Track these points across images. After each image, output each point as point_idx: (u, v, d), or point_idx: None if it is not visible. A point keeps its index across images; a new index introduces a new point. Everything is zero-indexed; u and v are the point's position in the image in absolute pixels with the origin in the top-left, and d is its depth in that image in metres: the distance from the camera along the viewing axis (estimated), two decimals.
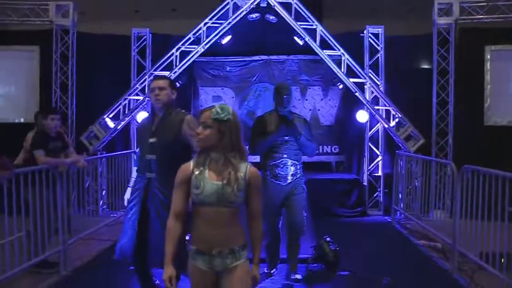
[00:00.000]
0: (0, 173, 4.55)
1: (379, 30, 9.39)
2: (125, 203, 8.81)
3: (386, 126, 8.99)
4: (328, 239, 5.68)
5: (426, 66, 9.61)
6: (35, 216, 5.43)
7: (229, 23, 8.84)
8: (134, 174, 7.64)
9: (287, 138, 4.93)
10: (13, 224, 5.09)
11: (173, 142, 3.97)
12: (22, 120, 9.39)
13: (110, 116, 9.16)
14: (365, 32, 9.48)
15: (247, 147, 4.41)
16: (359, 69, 9.08)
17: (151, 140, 4.01)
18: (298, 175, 5.06)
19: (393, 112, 8.90)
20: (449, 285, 5.24)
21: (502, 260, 5.05)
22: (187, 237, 2.94)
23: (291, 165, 4.97)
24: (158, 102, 4.05)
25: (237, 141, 2.76)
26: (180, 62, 9.06)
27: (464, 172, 5.67)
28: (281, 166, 4.95)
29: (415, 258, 6.28)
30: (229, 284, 2.77)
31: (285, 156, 4.94)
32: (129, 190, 7.73)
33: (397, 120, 8.91)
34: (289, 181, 4.97)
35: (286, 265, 5.41)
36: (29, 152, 5.83)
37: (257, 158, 5.21)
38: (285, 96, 4.97)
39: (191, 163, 2.80)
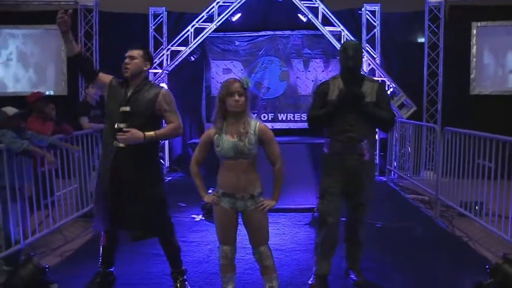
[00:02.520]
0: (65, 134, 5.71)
1: (376, 7, 10.22)
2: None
3: None
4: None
5: (418, 41, 10.46)
6: (80, 175, 6.44)
7: (239, 2, 9.64)
8: None
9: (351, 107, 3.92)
10: (65, 182, 6.14)
11: (147, 113, 3.87)
12: (51, 92, 10.28)
13: None
14: (363, 9, 10.30)
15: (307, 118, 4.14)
16: None
17: (124, 108, 3.86)
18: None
19: (388, 83, 9.73)
20: (432, 227, 6.21)
21: (477, 208, 6.08)
22: (210, 191, 3.84)
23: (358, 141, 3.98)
24: (126, 71, 3.89)
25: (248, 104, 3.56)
26: (194, 38, 9.90)
27: (445, 133, 6.68)
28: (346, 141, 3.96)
29: (405, 208, 7.26)
30: (249, 222, 3.57)
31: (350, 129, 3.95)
32: None
33: (391, 89, 9.73)
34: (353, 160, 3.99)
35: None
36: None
37: None
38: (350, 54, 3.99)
39: (212, 129, 3.55)
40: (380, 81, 4.23)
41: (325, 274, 4.18)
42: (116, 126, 3.83)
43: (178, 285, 4.14)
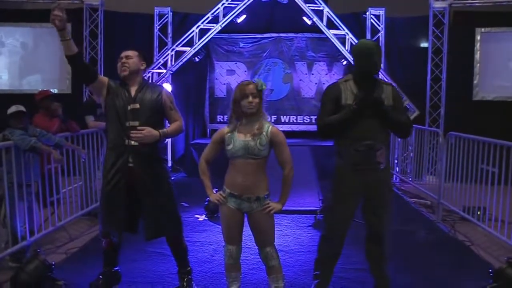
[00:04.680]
0: (72, 132, 5.77)
1: (381, 11, 10.28)
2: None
3: None
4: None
5: (422, 45, 10.52)
6: (85, 173, 6.48)
7: (245, 3, 9.69)
8: None
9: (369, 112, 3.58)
10: (71, 180, 6.18)
11: (153, 111, 3.87)
12: (56, 90, 10.31)
13: None
14: (367, 13, 10.36)
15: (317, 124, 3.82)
16: None
17: (134, 106, 3.82)
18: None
19: (394, 86, 9.72)
20: (434, 231, 6.22)
21: (479, 213, 6.12)
22: (214, 190, 3.85)
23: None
24: (124, 69, 3.87)
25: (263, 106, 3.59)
26: (199, 39, 9.94)
27: (449, 138, 6.71)
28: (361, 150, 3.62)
29: (407, 212, 7.26)
30: (255, 223, 3.59)
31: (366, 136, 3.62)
32: None
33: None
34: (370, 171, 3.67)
35: None
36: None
37: None
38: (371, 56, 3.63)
39: (225, 128, 3.59)
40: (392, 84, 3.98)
41: (327, 285, 4.02)
42: (128, 124, 3.78)
43: (185, 284, 4.14)
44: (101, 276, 4.18)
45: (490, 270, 4.19)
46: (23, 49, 10.58)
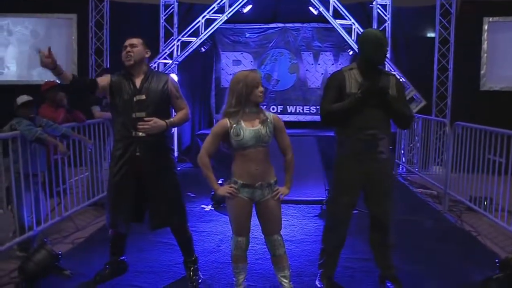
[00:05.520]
0: (78, 122, 5.78)
1: (387, 1, 10.17)
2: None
3: None
4: None
5: (428, 35, 10.42)
6: (91, 163, 6.51)
7: None
8: None
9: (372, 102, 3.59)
10: (77, 170, 6.21)
11: (160, 101, 3.87)
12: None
13: None
14: (374, 3, 10.26)
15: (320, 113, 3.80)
16: None
17: (139, 97, 3.82)
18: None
19: (398, 77, 9.71)
20: (440, 221, 6.21)
21: (486, 203, 6.10)
22: (219, 181, 3.86)
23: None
24: (129, 58, 3.84)
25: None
26: (205, 29, 9.91)
27: (456, 128, 6.68)
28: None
29: (413, 203, 7.24)
30: (266, 210, 3.60)
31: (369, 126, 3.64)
32: None
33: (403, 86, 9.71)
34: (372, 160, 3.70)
35: None
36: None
37: None
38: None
39: (227, 120, 3.52)
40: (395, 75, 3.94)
41: (332, 274, 4.08)
42: (134, 116, 3.78)
43: (191, 273, 4.16)
44: (107, 266, 4.21)
45: (497, 260, 4.18)
46: (31, 39, 10.54)
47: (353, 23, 9.71)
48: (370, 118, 3.62)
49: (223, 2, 9.81)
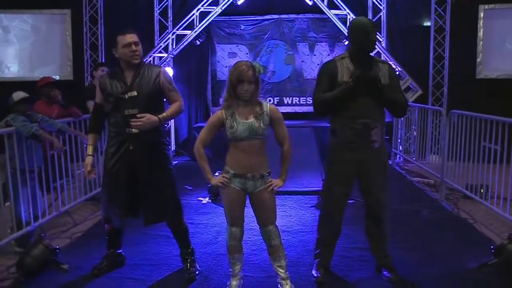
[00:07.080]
0: (74, 117, 5.80)
1: None
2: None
3: None
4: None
5: (424, 24, 10.35)
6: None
7: None
8: None
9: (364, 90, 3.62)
10: (74, 166, 6.22)
11: (152, 95, 3.87)
12: (57, 77, 10.27)
13: None
14: None
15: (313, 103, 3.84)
16: None
17: (131, 93, 3.81)
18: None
19: (394, 66, 9.70)
20: (437, 209, 6.22)
21: (482, 190, 6.12)
22: (216, 174, 3.86)
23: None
24: (136, 57, 3.85)
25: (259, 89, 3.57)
26: (200, 22, 9.88)
27: (451, 116, 6.68)
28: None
29: (410, 191, 7.27)
30: (259, 201, 3.60)
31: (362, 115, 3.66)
32: None
33: (397, 73, 9.72)
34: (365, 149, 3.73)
35: None
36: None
37: None
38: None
39: (222, 111, 3.54)
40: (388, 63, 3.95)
41: (328, 264, 4.11)
42: (127, 112, 3.79)
43: (188, 265, 4.19)
44: (105, 259, 4.25)
45: (492, 247, 4.21)
46: (26, 34, 10.50)
47: (348, 13, 9.68)
48: (362, 107, 3.64)
49: None
